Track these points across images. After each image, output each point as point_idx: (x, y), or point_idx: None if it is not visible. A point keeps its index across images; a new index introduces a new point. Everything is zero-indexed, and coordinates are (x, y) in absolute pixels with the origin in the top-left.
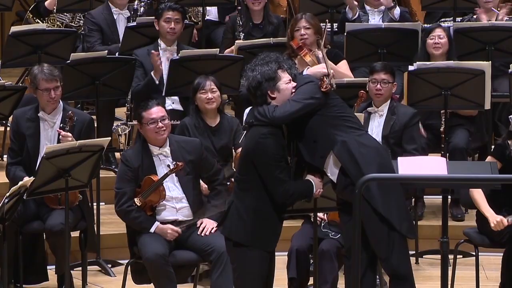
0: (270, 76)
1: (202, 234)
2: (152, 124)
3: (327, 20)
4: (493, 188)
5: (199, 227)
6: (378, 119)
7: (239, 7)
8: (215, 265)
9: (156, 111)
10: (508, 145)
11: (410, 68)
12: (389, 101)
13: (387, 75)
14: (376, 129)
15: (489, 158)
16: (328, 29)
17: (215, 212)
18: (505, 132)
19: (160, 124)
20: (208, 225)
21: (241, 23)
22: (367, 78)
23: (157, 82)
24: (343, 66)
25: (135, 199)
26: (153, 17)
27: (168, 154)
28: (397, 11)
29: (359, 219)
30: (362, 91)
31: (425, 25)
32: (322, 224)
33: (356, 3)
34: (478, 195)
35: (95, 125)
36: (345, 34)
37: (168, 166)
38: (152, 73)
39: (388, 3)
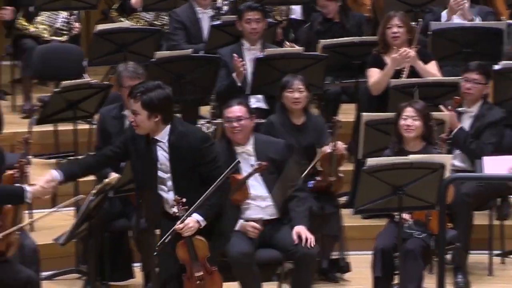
0: None
1: (309, 247)
2: (227, 122)
3: (419, 20)
4: None
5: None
6: (467, 121)
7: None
8: (298, 265)
9: (233, 110)
10: None
11: (496, 67)
12: (480, 103)
13: (480, 76)
14: None
15: None
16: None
17: (304, 219)
18: None
19: (234, 124)
20: (305, 234)
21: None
22: (455, 77)
23: (239, 84)
24: (433, 67)
25: None
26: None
27: (251, 153)
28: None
29: (443, 213)
30: (456, 97)
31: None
32: (407, 224)
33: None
34: None
35: None
36: (430, 33)
37: (252, 165)
38: (234, 75)
39: (466, 17)
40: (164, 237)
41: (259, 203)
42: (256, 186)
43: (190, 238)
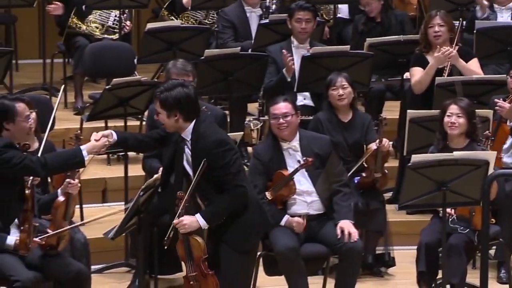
0: None
1: (351, 241)
2: (273, 119)
3: (460, 19)
4: None
5: (341, 232)
6: None
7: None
8: (343, 259)
9: (279, 107)
10: None
11: None
12: None
13: None
14: None
15: None
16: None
17: (350, 213)
18: None
19: (281, 121)
20: (348, 229)
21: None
22: (501, 75)
23: (288, 79)
24: (474, 64)
25: (266, 193)
26: (285, 14)
27: (297, 149)
28: None
29: (487, 209)
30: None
31: None
32: (450, 219)
33: (486, 2)
34: None
35: (228, 120)
36: (475, 31)
37: (298, 161)
38: (284, 70)
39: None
40: (168, 232)
41: (305, 198)
42: (302, 182)
43: (187, 236)
